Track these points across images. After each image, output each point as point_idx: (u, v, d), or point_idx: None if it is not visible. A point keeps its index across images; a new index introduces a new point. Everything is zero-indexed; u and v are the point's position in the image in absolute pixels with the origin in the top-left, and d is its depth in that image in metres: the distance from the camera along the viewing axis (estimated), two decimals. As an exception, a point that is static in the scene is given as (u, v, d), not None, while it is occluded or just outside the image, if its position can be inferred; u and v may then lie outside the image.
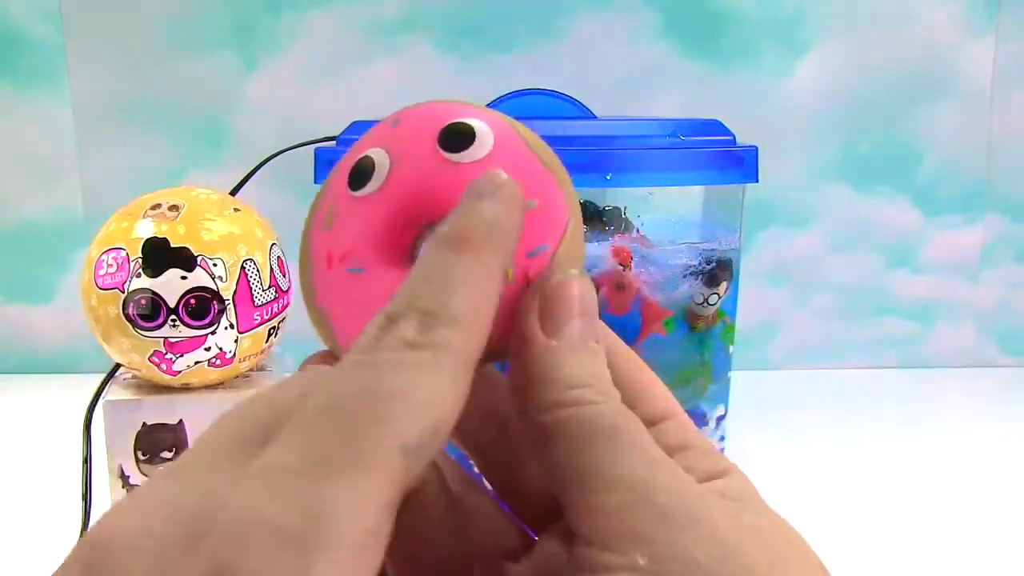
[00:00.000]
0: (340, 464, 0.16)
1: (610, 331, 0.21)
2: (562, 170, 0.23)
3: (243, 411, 0.19)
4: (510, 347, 0.21)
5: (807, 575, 0.19)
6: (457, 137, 0.22)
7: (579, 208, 0.23)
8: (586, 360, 0.20)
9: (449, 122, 0.22)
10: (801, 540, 0.20)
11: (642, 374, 0.22)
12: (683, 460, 0.20)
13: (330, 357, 0.23)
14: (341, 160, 0.24)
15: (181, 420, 0.41)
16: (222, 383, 0.43)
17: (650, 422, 0.21)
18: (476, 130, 0.22)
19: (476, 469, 0.24)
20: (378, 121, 0.24)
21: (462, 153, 0.22)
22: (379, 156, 0.23)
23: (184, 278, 0.39)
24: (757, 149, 0.48)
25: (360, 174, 0.23)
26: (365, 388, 0.17)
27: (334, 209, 0.23)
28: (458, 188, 0.21)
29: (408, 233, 0.23)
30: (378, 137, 0.23)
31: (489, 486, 0.24)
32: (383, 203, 0.23)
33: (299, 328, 0.52)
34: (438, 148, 0.22)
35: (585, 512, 0.18)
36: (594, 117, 0.49)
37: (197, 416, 0.42)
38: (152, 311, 0.39)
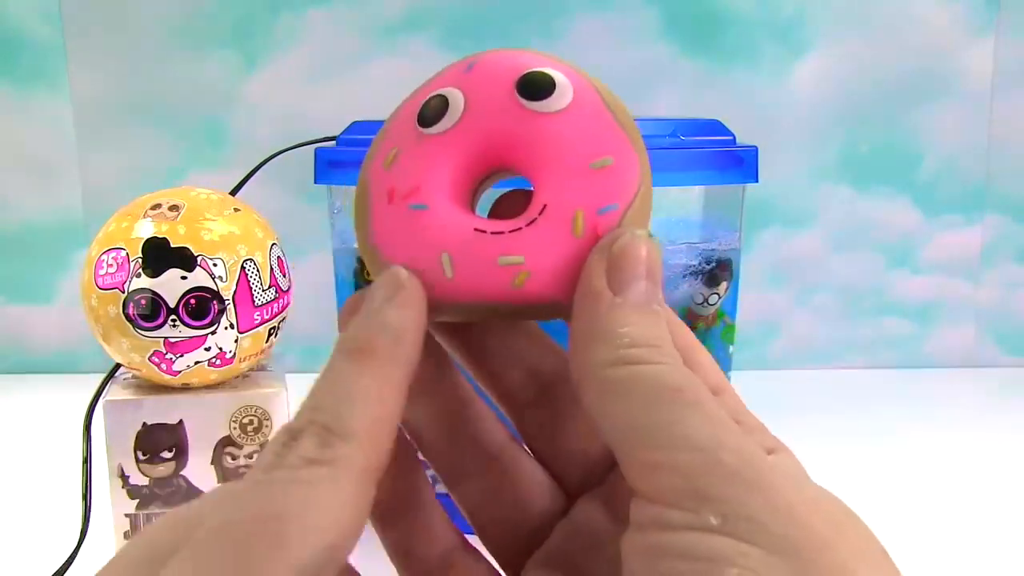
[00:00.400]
0: None
1: (665, 305, 0.21)
2: (636, 131, 0.23)
3: (148, 533, 0.18)
4: (574, 300, 0.20)
5: (867, 550, 0.19)
6: (537, 86, 0.22)
7: (650, 171, 0.23)
8: (651, 320, 0.20)
9: (529, 70, 0.22)
10: (857, 518, 0.20)
11: (696, 346, 0.22)
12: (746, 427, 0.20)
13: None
14: (406, 101, 0.23)
15: (181, 420, 0.41)
16: (222, 383, 0.43)
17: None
18: (556, 81, 0.22)
19: (515, 429, 0.24)
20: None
21: (541, 102, 0.22)
22: (453, 96, 0.22)
23: (184, 278, 0.39)
24: (757, 149, 0.48)
25: (432, 111, 0.22)
26: (260, 509, 0.17)
27: (398, 147, 0.23)
28: (533, 137, 0.22)
29: (475, 175, 0.23)
30: (451, 78, 0.23)
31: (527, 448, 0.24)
32: (455, 143, 0.22)
33: (299, 328, 0.52)
34: (516, 95, 0.22)
35: (651, 469, 0.18)
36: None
37: (197, 416, 0.42)
38: (152, 311, 0.39)
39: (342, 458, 0.17)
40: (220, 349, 0.40)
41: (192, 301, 0.39)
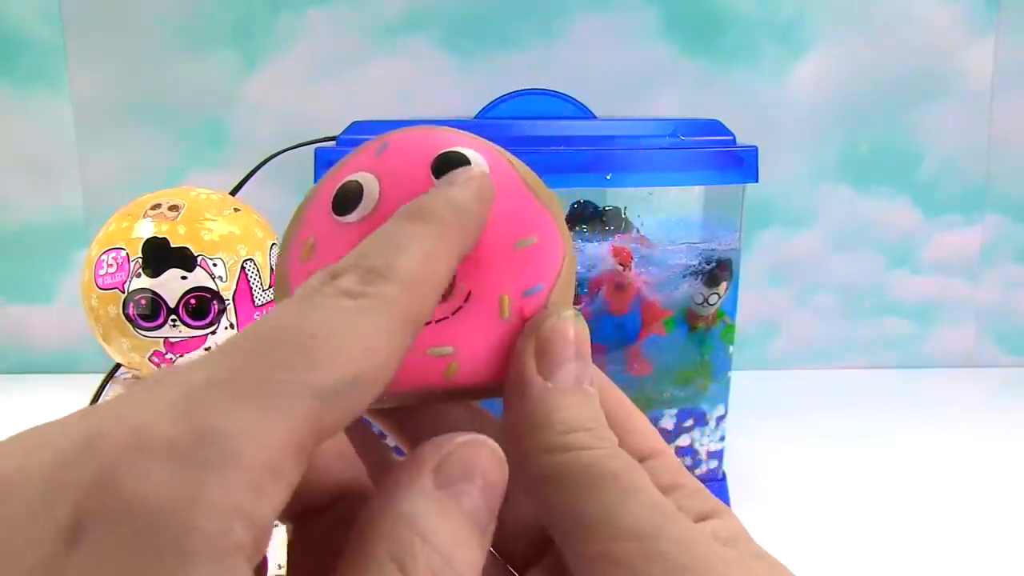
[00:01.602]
0: (246, 390, 0.15)
1: (597, 369, 0.21)
2: (557, 206, 0.23)
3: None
4: (504, 387, 0.20)
5: None
6: (451, 167, 0.21)
7: (572, 243, 0.22)
8: (582, 403, 0.20)
9: (443, 150, 0.22)
10: None
11: (631, 411, 0.22)
12: (674, 499, 0.20)
13: None
14: (316, 188, 0.23)
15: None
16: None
17: (639, 460, 0.20)
18: (472, 161, 0.22)
19: None
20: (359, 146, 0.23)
21: None
22: (367, 181, 0.22)
23: (184, 278, 0.39)
24: (757, 149, 0.48)
25: (347, 198, 0.22)
26: (292, 324, 0.16)
27: (314, 237, 0.22)
28: None
29: None
30: (363, 163, 0.22)
31: None
32: (372, 230, 0.21)
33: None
34: (432, 177, 0.21)
35: (594, 560, 0.18)
36: (594, 117, 0.49)
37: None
38: (152, 311, 0.39)
39: (383, 295, 0.17)
40: (220, 349, 0.40)
41: (192, 301, 0.39)
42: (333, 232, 0.21)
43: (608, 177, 0.45)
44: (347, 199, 0.22)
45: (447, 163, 0.21)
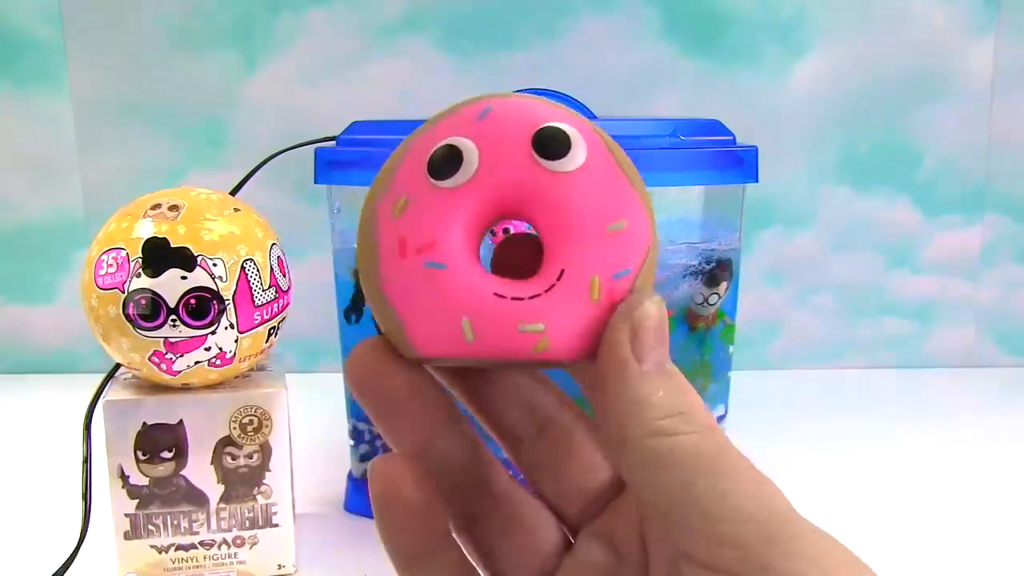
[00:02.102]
0: None
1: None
2: (644, 187, 0.23)
3: None
4: (598, 367, 0.21)
5: None
6: (554, 144, 0.22)
7: (656, 227, 0.23)
8: (678, 386, 0.21)
9: (544, 124, 0.22)
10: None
11: (690, 389, 0.23)
12: None
13: (386, 346, 0.22)
14: (409, 145, 0.23)
15: (181, 420, 0.41)
16: (222, 383, 0.43)
17: None
18: (571, 139, 0.22)
19: (515, 466, 0.25)
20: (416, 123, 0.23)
21: (558, 161, 0.22)
22: (467, 148, 0.22)
23: (184, 278, 0.39)
24: (757, 149, 0.48)
25: (447, 163, 0.22)
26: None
27: (408, 195, 0.22)
28: (550, 197, 0.22)
29: (485, 228, 0.23)
30: (463, 126, 0.22)
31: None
32: (469, 198, 0.22)
33: (299, 328, 0.52)
34: (532, 151, 0.22)
35: (713, 543, 0.19)
36: (594, 117, 0.49)
37: (197, 416, 0.42)
38: (152, 311, 0.39)
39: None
40: (220, 349, 0.40)
41: (192, 301, 0.39)
42: (428, 194, 0.22)
43: (608, 177, 0.45)
44: (445, 163, 0.22)
45: (548, 140, 0.22)
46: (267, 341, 0.42)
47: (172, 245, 0.39)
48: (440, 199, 0.22)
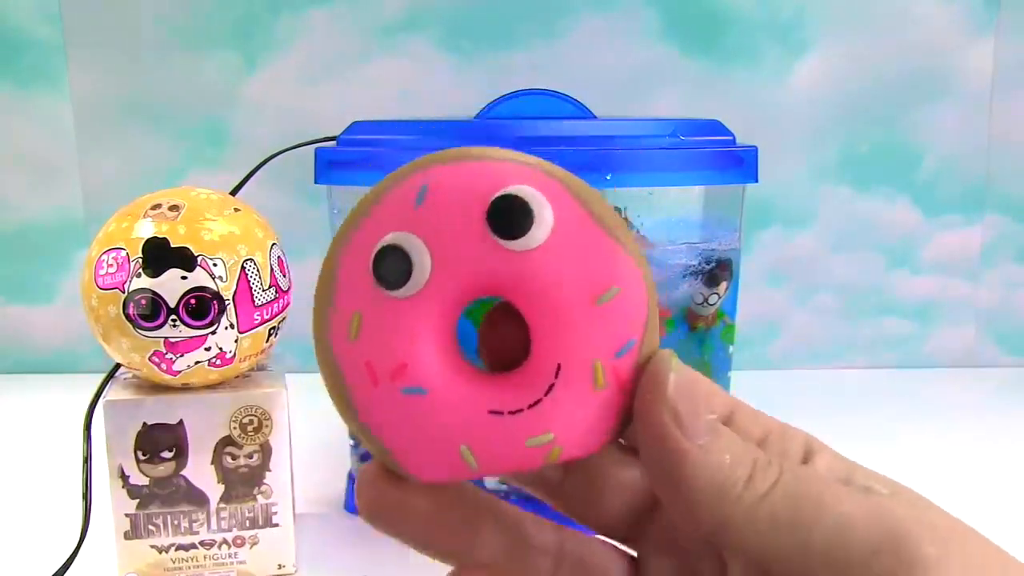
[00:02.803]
0: None
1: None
2: (628, 234, 0.20)
3: None
4: (650, 464, 0.19)
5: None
6: (511, 218, 0.18)
7: (651, 276, 0.20)
8: (732, 437, 0.20)
9: (495, 195, 0.18)
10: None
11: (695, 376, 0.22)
12: (771, 445, 0.20)
13: (386, 474, 0.20)
14: (345, 238, 0.19)
15: (181, 420, 0.41)
16: (222, 383, 0.43)
17: (727, 419, 0.21)
18: (531, 206, 0.18)
19: (554, 507, 0.24)
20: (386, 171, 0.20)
21: (521, 240, 0.18)
22: (413, 247, 0.19)
23: (184, 278, 0.39)
24: (757, 149, 0.48)
25: (394, 270, 0.19)
26: None
27: (360, 312, 0.19)
28: (522, 280, 0.19)
29: (455, 324, 0.20)
30: (401, 217, 0.19)
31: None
32: (432, 305, 0.19)
33: (299, 328, 0.52)
34: (489, 232, 0.18)
35: None
36: (594, 117, 0.49)
37: (197, 416, 0.42)
38: (152, 311, 0.39)
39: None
40: (220, 349, 0.40)
41: (192, 301, 0.39)
42: (383, 308, 0.19)
43: (608, 177, 0.45)
44: (392, 271, 0.19)
45: (504, 216, 0.18)
46: (267, 341, 0.42)
47: (172, 245, 0.39)
48: (398, 312, 0.19)
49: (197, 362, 0.40)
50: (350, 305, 0.19)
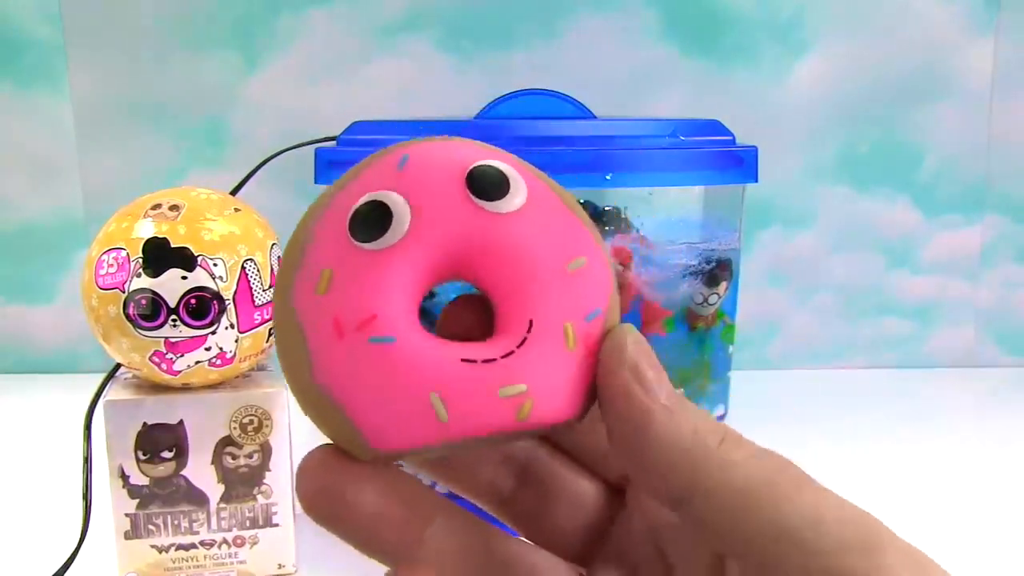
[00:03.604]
0: None
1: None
2: (591, 222, 0.21)
3: None
4: (613, 424, 0.19)
5: None
6: (490, 182, 0.19)
7: (612, 261, 0.21)
8: (697, 408, 0.20)
9: (474, 164, 0.20)
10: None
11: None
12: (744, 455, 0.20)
13: (336, 454, 0.19)
14: (321, 204, 0.20)
15: (181, 420, 0.41)
16: (222, 383, 0.43)
17: None
18: (508, 176, 0.20)
19: (503, 523, 0.23)
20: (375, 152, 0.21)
21: (499, 201, 0.20)
22: (394, 201, 0.19)
23: (184, 278, 0.39)
24: (757, 149, 0.48)
25: (373, 222, 0.19)
26: None
27: (331, 267, 0.19)
28: (497, 242, 0.20)
29: (426, 290, 0.20)
30: (382, 179, 0.20)
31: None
32: (406, 258, 0.19)
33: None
34: (469, 195, 0.19)
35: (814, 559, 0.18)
36: (594, 117, 0.49)
37: (197, 416, 0.42)
38: (152, 311, 0.39)
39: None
40: (220, 349, 0.40)
41: (192, 301, 0.39)
42: (357, 261, 0.19)
43: (608, 177, 0.45)
44: (372, 222, 0.19)
45: (483, 179, 0.20)
46: (267, 341, 0.42)
47: (172, 245, 0.39)
48: (373, 264, 0.19)
49: (197, 362, 0.40)
50: (321, 263, 0.19)
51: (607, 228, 0.49)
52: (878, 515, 0.20)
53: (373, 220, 0.19)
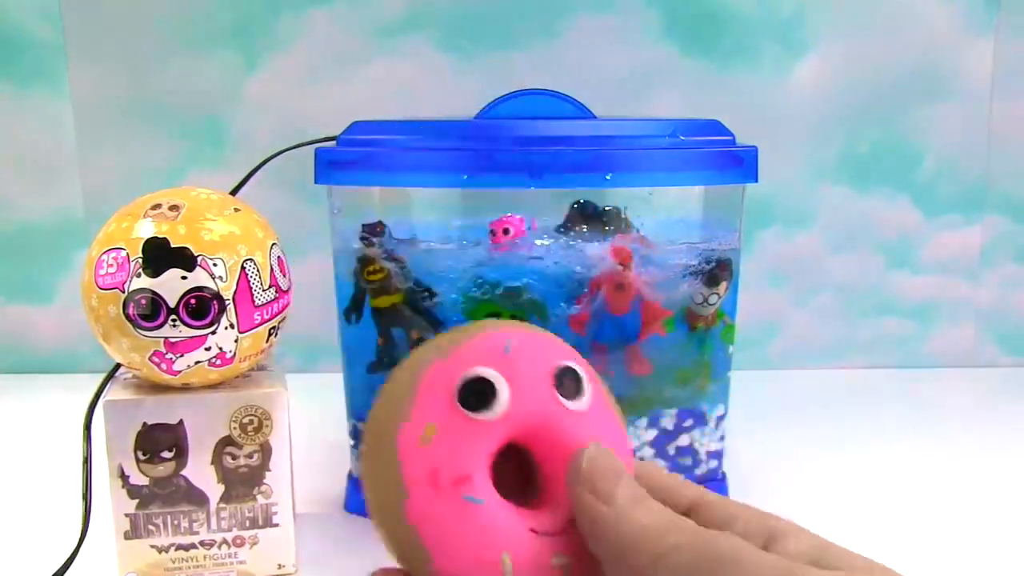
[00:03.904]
0: None
1: (657, 465, 0.25)
2: (621, 413, 0.26)
3: None
4: (581, 527, 0.23)
5: None
6: (574, 383, 0.24)
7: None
8: (661, 513, 0.22)
9: (562, 365, 0.25)
10: None
11: (663, 473, 0.25)
12: (740, 528, 0.22)
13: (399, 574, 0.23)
14: (429, 360, 0.24)
15: (181, 420, 0.41)
16: (222, 383, 0.43)
17: (692, 508, 0.24)
18: (583, 380, 0.25)
19: None
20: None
21: (575, 401, 0.24)
22: (499, 381, 0.23)
23: (184, 278, 0.39)
24: (757, 149, 0.48)
25: (481, 396, 0.23)
26: None
27: (436, 424, 0.23)
28: (566, 433, 0.24)
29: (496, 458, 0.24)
30: (490, 358, 0.24)
31: None
32: (499, 431, 0.23)
33: (299, 328, 0.52)
34: (555, 389, 0.24)
35: None
36: (594, 117, 0.49)
37: (197, 416, 0.42)
38: (152, 311, 0.39)
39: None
40: (220, 349, 0.40)
41: (192, 301, 0.39)
42: (461, 424, 0.23)
43: (608, 177, 0.45)
44: (480, 396, 0.23)
45: (568, 380, 0.25)
46: (267, 341, 0.42)
47: (172, 245, 0.39)
48: (474, 431, 0.23)
49: (197, 362, 0.40)
50: (427, 418, 0.23)
51: (607, 228, 0.49)
52: (878, 515, 0.20)
53: (481, 394, 0.23)
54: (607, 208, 0.49)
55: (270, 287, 0.41)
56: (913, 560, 0.47)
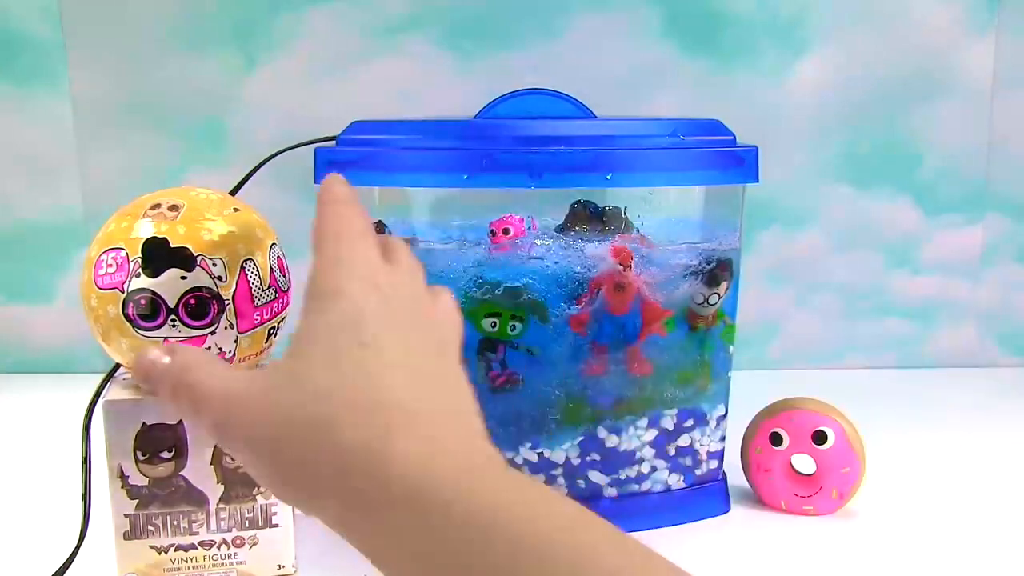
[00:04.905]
0: None
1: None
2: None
3: None
4: None
5: None
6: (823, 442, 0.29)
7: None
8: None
9: (818, 428, 0.31)
10: None
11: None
12: None
13: None
14: None
15: (181, 420, 0.41)
16: (222, 383, 0.42)
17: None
18: (831, 436, 0.31)
19: None
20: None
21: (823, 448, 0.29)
22: None
23: (184, 278, 0.39)
24: (757, 149, 0.48)
25: None
26: None
27: None
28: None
29: None
30: None
31: None
32: None
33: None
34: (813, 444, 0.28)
35: None
36: (594, 117, 0.49)
37: (197, 416, 0.42)
38: (152, 311, 0.39)
39: None
40: (220, 349, 0.40)
41: (192, 301, 0.39)
42: None
43: (608, 177, 0.45)
44: None
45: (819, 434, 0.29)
46: (267, 341, 0.42)
47: (172, 245, 0.39)
48: None
49: (197, 362, 0.40)
50: None
51: (607, 228, 0.49)
52: (879, 514, 0.20)
53: None
54: (607, 208, 0.49)
55: (270, 287, 0.41)
56: (913, 560, 0.47)
